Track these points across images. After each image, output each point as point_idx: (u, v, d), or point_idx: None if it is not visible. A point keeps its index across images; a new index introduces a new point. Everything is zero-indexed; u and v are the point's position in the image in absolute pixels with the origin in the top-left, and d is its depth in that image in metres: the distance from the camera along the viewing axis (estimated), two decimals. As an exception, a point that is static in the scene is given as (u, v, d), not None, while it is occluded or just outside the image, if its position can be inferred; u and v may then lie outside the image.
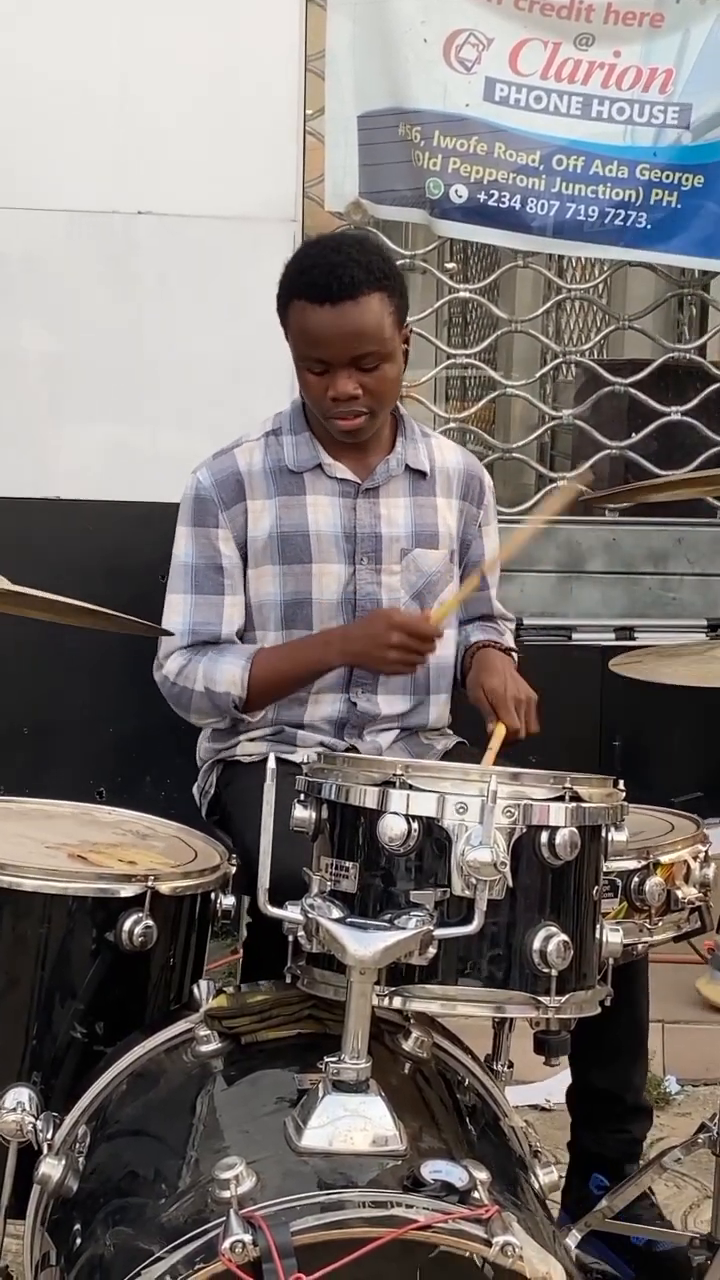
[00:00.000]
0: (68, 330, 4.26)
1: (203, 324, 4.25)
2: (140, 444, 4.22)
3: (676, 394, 4.65)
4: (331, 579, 2.87)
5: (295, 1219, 1.65)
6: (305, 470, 2.89)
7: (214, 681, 2.79)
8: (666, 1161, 2.74)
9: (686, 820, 2.71)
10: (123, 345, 4.26)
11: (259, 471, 2.88)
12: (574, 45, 4.45)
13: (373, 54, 4.42)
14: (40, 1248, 2.05)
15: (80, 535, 4.14)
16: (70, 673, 4.14)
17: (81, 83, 4.20)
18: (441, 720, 3.01)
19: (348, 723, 2.89)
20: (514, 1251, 1.66)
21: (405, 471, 2.96)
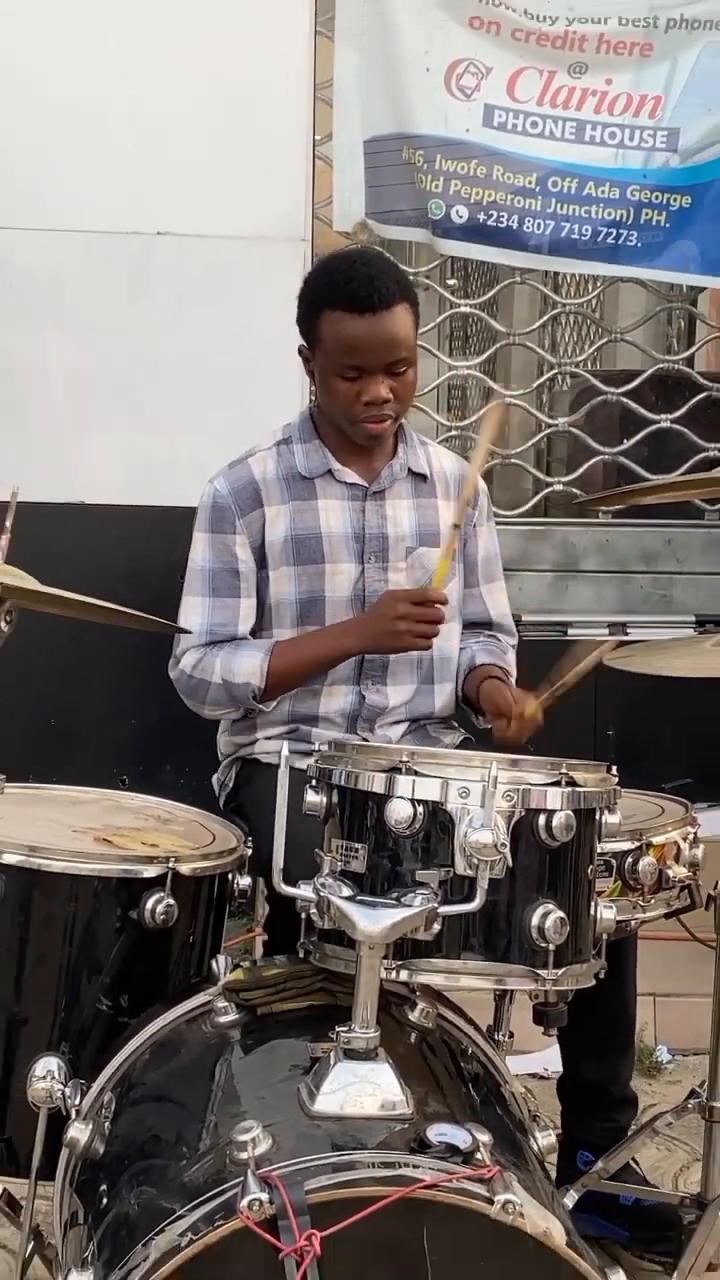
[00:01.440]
0: (90, 345, 4.26)
1: (217, 338, 4.25)
2: (157, 452, 4.22)
3: (666, 403, 4.65)
4: (343, 577, 2.88)
5: (309, 1179, 1.66)
6: (316, 476, 2.90)
7: (232, 673, 2.79)
8: (658, 1126, 2.75)
9: (676, 804, 2.72)
10: (142, 359, 4.26)
11: (273, 479, 2.89)
12: (568, 73, 4.44)
13: (378, 83, 4.42)
14: (69, 1207, 2.06)
15: (102, 538, 4.14)
16: (94, 669, 4.15)
17: (103, 112, 4.20)
18: (447, 709, 3.01)
19: (359, 715, 2.89)
20: (515, 1209, 1.67)
21: (408, 475, 2.96)
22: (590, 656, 2.62)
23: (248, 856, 2.52)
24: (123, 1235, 1.78)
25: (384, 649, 2.81)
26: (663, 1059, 3.72)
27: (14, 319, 4.24)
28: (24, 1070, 2.19)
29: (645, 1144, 2.83)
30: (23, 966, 2.30)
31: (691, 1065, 3.67)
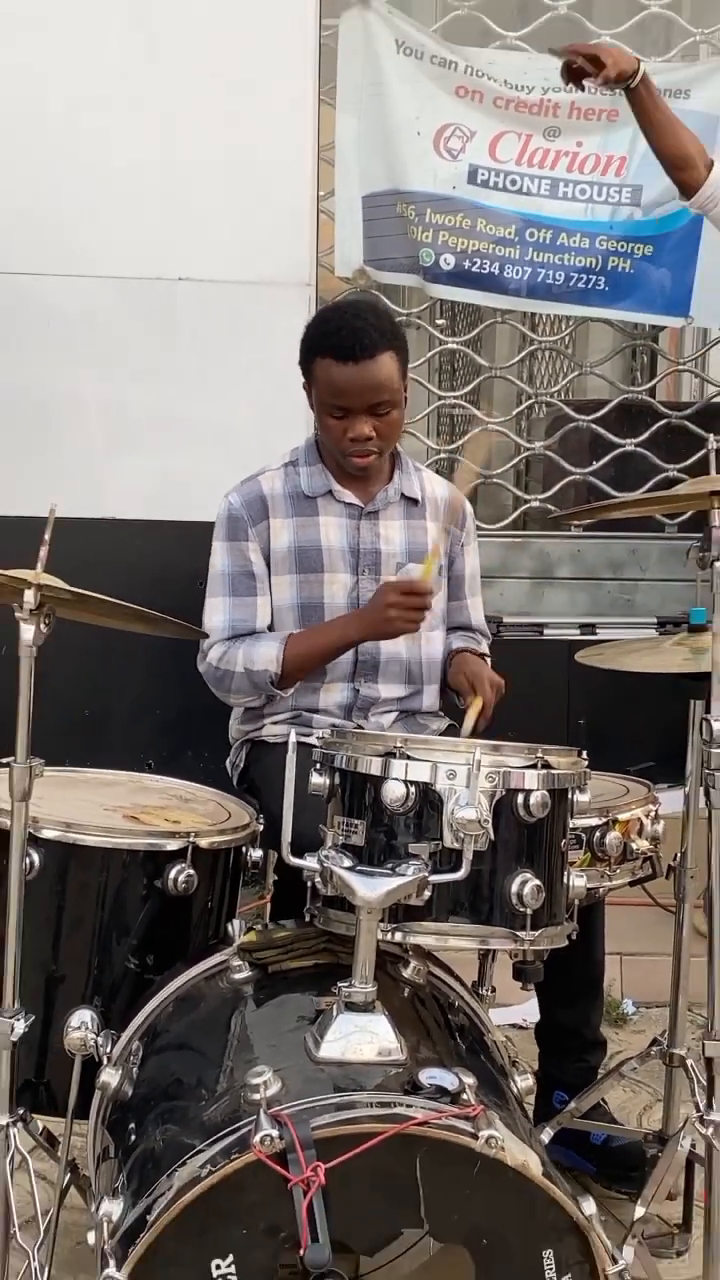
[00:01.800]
0: (120, 378, 4.26)
1: (232, 372, 4.25)
2: (178, 473, 4.22)
3: (630, 429, 4.64)
4: (339, 586, 2.88)
5: (314, 1117, 1.67)
6: (318, 495, 2.90)
7: (253, 661, 2.80)
8: (624, 1070, 2.75)
9: (640, 784, 2.72)
10: (166, 390, 4.26)
11: (280, 495, 2.89)
12: (543, 137, 4.44)
13: (374, 145, 4.42)
14: (100, 1143, 2.06)
15: (129, 549, 4.14)
16: (122, 666, 4.15)
17: (134, 173, 4.20)
18: (434, 706, 3.01)
19: (354, 706, 2.90)
20: (497, 1143, 1.67)
21: (400, 499, 2.96)
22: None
23: (259, 831, 2.52)
24: (149, 1168, 1.79)
25: (380, 634, 2.79)
26: (628, 1011, 3.72)
27: (52, 355, 4.24)
28: (61, 1022, 2.19)
29: (613, 1086, 2.83)
30: (60, 930, 2.30)
31: (654, 1016, 3.67)
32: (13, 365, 4.23)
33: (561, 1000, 2.82)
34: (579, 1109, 2.74)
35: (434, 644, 2.98)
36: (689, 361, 4.91)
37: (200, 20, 4.19)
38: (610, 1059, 3.02)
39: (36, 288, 4.22)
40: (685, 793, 2.60)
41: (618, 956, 3.69)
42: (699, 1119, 2.24)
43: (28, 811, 2.17)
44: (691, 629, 2.53)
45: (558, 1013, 2.88)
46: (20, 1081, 2.19)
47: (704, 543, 2.27)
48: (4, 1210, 2.20)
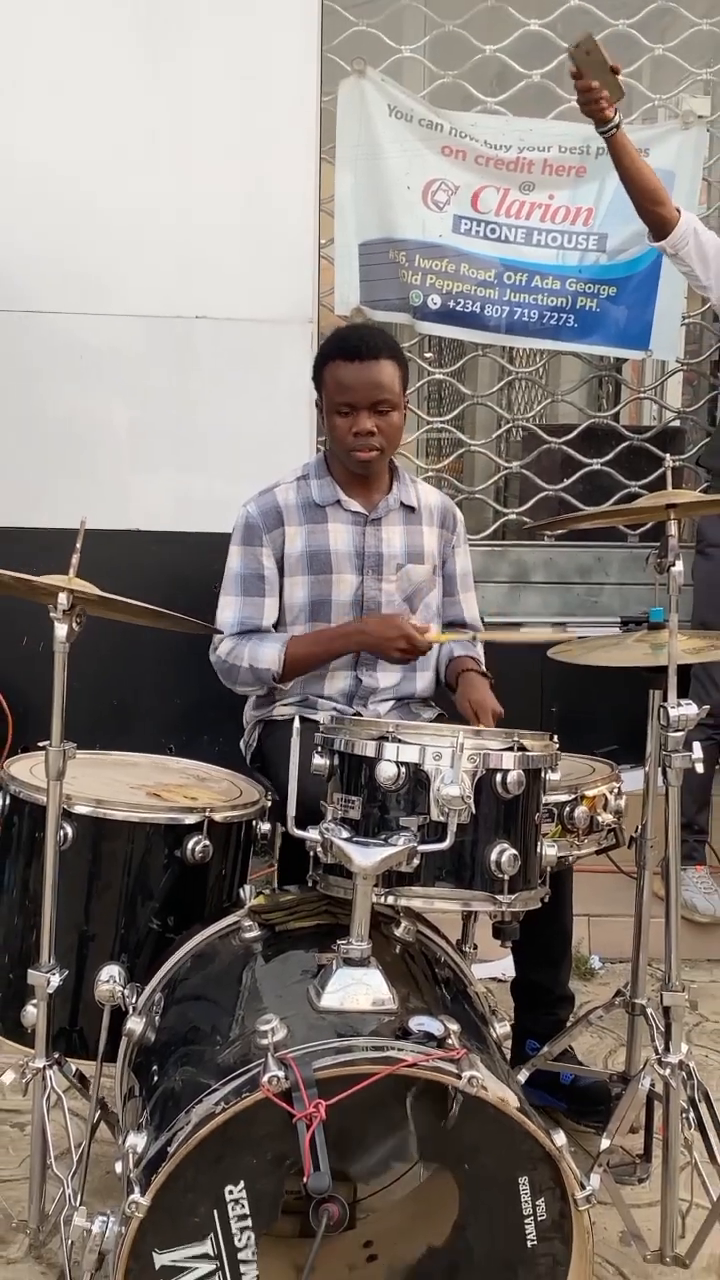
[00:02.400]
0: (144, 404, 4.26)
1: (243, 399, 4.24)
2: (196, 490, 4.21)
3: (597, 450, 4.64)
4: (346, 586, 2.88)
5: (316, 1059, 1.67)
6: (327, 505, 2.90)
7: (257, 660, 2.80)
8: (592, 1019, 2.75)
9: (605, 765, 2.72)
10: (184, 415, 4.26)
11: (293, 505, 2.90)
12: (519, 190, 4.44)
13: (369, 198, 4.41)
14: (127, 1083, 2.07)
15: (152, 557, 4.14)
16: (145, 660, 4.15)
17: (156, 223, 4.19)
18: (427, 691, 3.00)
19: (355, 694, 2.90)
20: (478, 1083, 1.68)
21: (400, 507, 2.97)
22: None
23: (268, 807, 2.52)
24: (169, 1105, 1.79)
25: (377, 654, 2.82)
26: (595, 966, 3.72)
27: (83, 384, 4.23)
28: (92, 976, 2.19)
29: (581, 1033, 2.83)
30: (90, 894, 2.31)
31: (617, 971, 3.67)
32: (48, 393, 4.23)
33: (535, 959, 2.82)
34: (550, 1053, 2.74)
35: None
36: (649, 390, 4.91)
37: (215, 88, 4.19)
38: (579, 1008, 3.02)
39: (69, 325, 4.21)
40: (645, 772, 2.61)
41: (586, 917, 3.69)
42: (657, 1061, 2.25)
43: (62, 789, 2.18)
44: (651, 627, 2.53)
45: (531, 970, 2.87)
46: (56, 1029, 2.21)
47: (661, 550, 2.28)
48: (41, 1143, 2.21)
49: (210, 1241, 1.69)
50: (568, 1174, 1.75)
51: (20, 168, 4.16)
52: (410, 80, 4.49)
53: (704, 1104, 2.25)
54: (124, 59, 4.16)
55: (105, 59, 4.15)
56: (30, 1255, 2.31)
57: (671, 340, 4.55)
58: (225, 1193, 1.68)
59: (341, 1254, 2.00)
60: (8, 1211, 2.42)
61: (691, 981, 3.68)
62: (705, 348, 4.69)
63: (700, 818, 3.88)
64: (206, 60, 4.18)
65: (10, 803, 2.38)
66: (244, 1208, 1.69)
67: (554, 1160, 1.75)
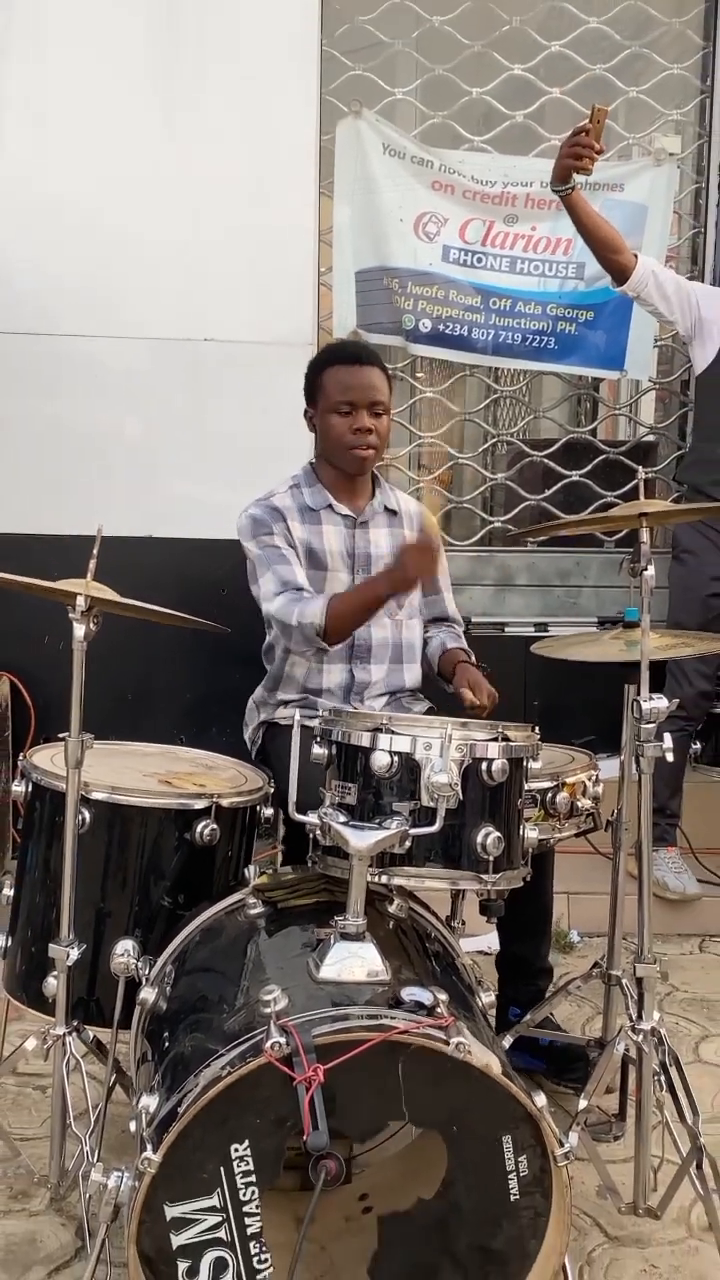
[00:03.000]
0: (156, 421, 4.26)
1: (247, 415, 4.24)
2: (205, 499, 4.21)
3: (576, 463, 4.64)
4: (338, 583, 2.87)
5: (315, 1027, 1.67)
6: (320, 509, 2.90)
7: (304, 615, 2.71)
8: (571, 988, 2.75)
9: (583, 754, 2.71)
10: (193, 430, 4.26)
11: (291, 508, 2.90)
12: (503, 222, 4.44)
13: (365, 229, 4.41)
14: (140, 1049, 2.06)
15: (164, 561, 4.13)
16: (158, 657, 4.15)
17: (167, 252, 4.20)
18: (416, 684, 2.99)
19: (350, 689, 2.89)
20: (465, 1048, 1.68)
21: (384, 510, 2.98)
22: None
23: (271, 793, 2.52)
24: (179, 1068, 1.79)
25: (405, 585, 2.68)
26: (574, 940, 3.72)
27: (100, 401, 4.24)
28: (108, 949, 2.19)
29: (561, 1002, 2.83)
30: (107, 874, 2.30)
31: (595, 944, 3.67)
32: (67, 410, 4.23)
33: (518, 933, 2.82)
34: (533, 1020, 2.74)
35: (413, 630, 2.99)
36: (624, 407, 4.91)
37: (223, 129, 4.20)
38: (559, 979, 3.02)
39: (88, 348, 4.22)
40: (620, 761, 2.60)
41: (565, 895, 3.69)
42: (631, 1027, 2.24)
43: (80, 777, 2.17)
44: (626, 626, 2.53)
45: (514, 944, 2.87)
46: (75, 998, 2.20)
47: (634, 556, 2.28)
48: (61, 1104, 2.21)
49: (217, 1195, 1.69)
50: (548, 1133, 1.75)
51: (46, 204, 4.17)
52: (403, 120, 4.49)
53: (674, 1068, 2.25)
54: (141, 105, 4.18)
55: (124, 104, 4.17)
56: (51, 1208, 2.32)
57: (645, 361, 4.56)
58: (231, 1150, 1.68)
59: (339, 1206, 2.00)
60: (30, 1167, 2.42)
61: (663, 954, 3.68)
62: (676, 368, 4.69)
63: (672, 803, 3.88)
64: (215, 104, 4.19)
65: (33, 789, 2.37)
66: (248, 1164, 1.69)
67: (535, 1120, 1.74)
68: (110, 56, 4.16)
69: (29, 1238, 2.24)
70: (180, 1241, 1.69)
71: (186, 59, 4.18)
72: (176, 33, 4.17)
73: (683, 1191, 2.18)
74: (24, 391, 4.23)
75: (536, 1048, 2.81)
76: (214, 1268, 1.70)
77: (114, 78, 4.16)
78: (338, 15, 4.38)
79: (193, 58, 4.18)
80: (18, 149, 4.17)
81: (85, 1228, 2.10)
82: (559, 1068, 2.81)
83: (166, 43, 4.17)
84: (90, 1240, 1.85)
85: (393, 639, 2.94)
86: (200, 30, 4.17)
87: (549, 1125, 1.75)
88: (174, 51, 4.17)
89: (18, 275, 4.20)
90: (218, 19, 4.17)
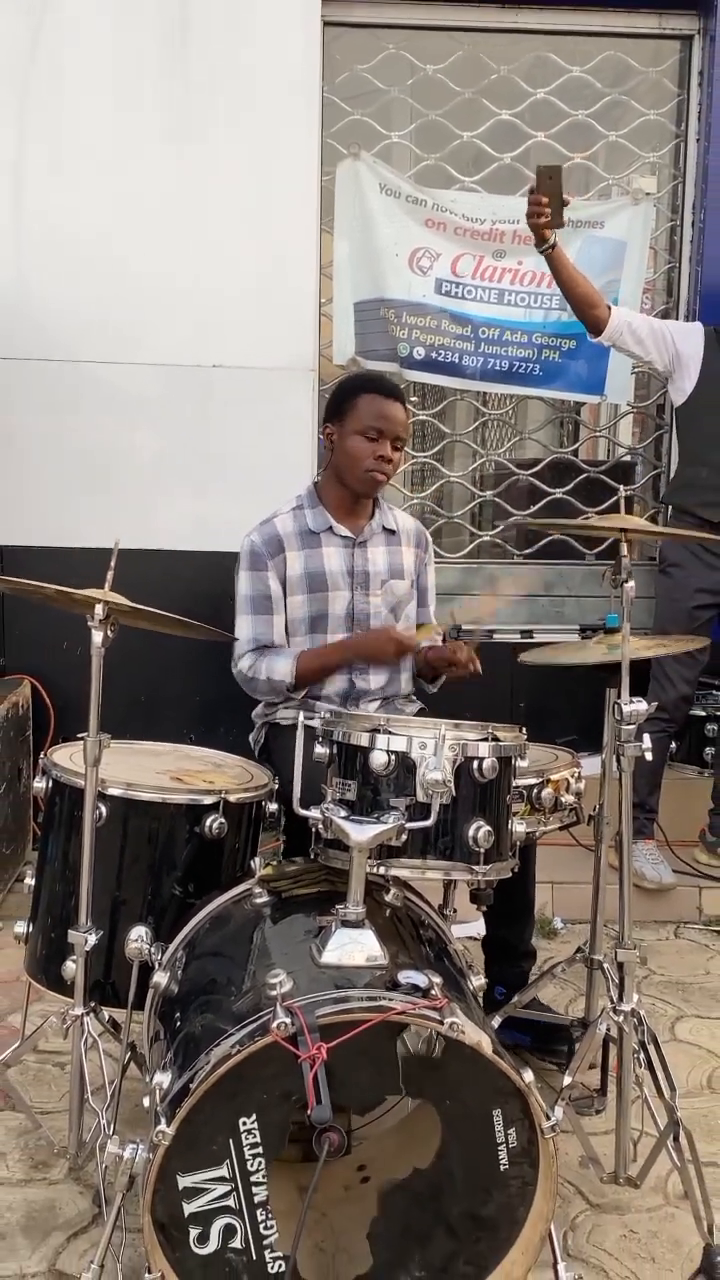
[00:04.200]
0: (167, 442, 4.26)
1: (253, 436, 4.25)
2: (211, 514, 4.22)
3: (559, 481, 4.65)
4: (339, 601, 2.87)
5: (318, 1008, 1.67)
6: (321, 531, 2.89)
7: (274, 672, 2.79)
8: (555, 972, 2.75)
9: (567, 752, 2.72)
10: (202, 450, 4.26)
11: (292, 533, 2.88)
12: (492, 257, 4.45)
13: (363, 263, 4.42)
14: (153, 1028, 2.06)
15: (174, 572, 4.14)
16: (169, 662, 4.15)
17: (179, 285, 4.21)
18: (408, 688, 3.00)
19: (349, 695, 2.89)
20: (457, 1028, 1.68)
21: (382, 530, 2.97)
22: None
23: (275, 789, 2.52)
24: (190, 1047, 1.79)
25: (374, 661, 2.83)
26: (558, 926, 3.71)
27: (115, 423, 4.25)
28: (123, 935, 2.19)
29: (546, 984, 2.83)
30: (122, 865, 2.30)
31: (577, 930, 3.65)
32: (85, 431, 4.24)
33: (505, 920, 2.81)
34: (521, 1002, 2.74)
35: None
36: (604, 429, 4.91)
37: (231, 170, 4.21)
38: (544, 963, 3.02)
39: (103, 373, 4.22)
40: (601, 759, 2.60)
41: (550, 884, 3.70)
42: (612, 1009, 2.25)
43: (98, 774, 2.17)
44: (607, 631, 2.53)
45: (500, 930, 2.87)
46: (92, 981, 2.20)
47: (615, 568, 2.28)
48: (79, 1080, 2.20)
49: (226, 1166, 1.69)
50: (535, 1107, 1.75)
51: (65, 239, 4.19)
52: (398, 162, 4.50)
53: (652, 1046, 2.25)
54: (155, 148, 4.20)
55: (138, 147, 4.19)
56: (70, 1177, 2.32)
57: (623, 386, 4.57)
58: (239, 1124, 1.68)
59: (339, 1176, 2.00)
60: (50, 1139, 2.42)
61: (641, 940, 3.68)
62: (653, 393, 4.70)
63: (651, 799, 3.88)
64: (224, 147, 4.21)
65: (53, 786, 2.37)
66: (256, 1137, 1.69)
67: (523, 1095, 1.74)
68: (125, 102, 4.17)
69: (49, 1205, 2.24)
70: (192, 1209, 1.69)
71: (197, 104, 4.19)
72: (188, 80, 4.18)
73: (660, 1162, 2.18)
74: (45, 414, 4.23)
75: (521, 1023, 2.81)
76: (223, 1233, 1.70)
77: (129, 122, 4.18)
78: (338, 64, 4.40)
79: (203, 103, 4.19)
80: (39, 188, 4.18)
81: (102, 1196, 2.09)
82: (541, 1041, 2.81)
83: (178, 89, 4.18)
84: (107, 1208, 1.84)
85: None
86: (210, 78, 4.18)
87: (536, 1100, 1.75)
88: (185, 97, 4.19)
89: (39, 306, 4.21)
90: (227, 68, 4.18)
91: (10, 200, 4.18)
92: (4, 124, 4.16)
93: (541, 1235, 1.81)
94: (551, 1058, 2.79)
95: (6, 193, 4.18)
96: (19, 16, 4.13)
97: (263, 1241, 1.71)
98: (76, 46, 4.15)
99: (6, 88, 4.15)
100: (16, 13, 4.14)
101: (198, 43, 4.17)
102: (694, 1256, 2.11)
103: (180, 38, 4.16)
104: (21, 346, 4.21)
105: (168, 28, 4.16)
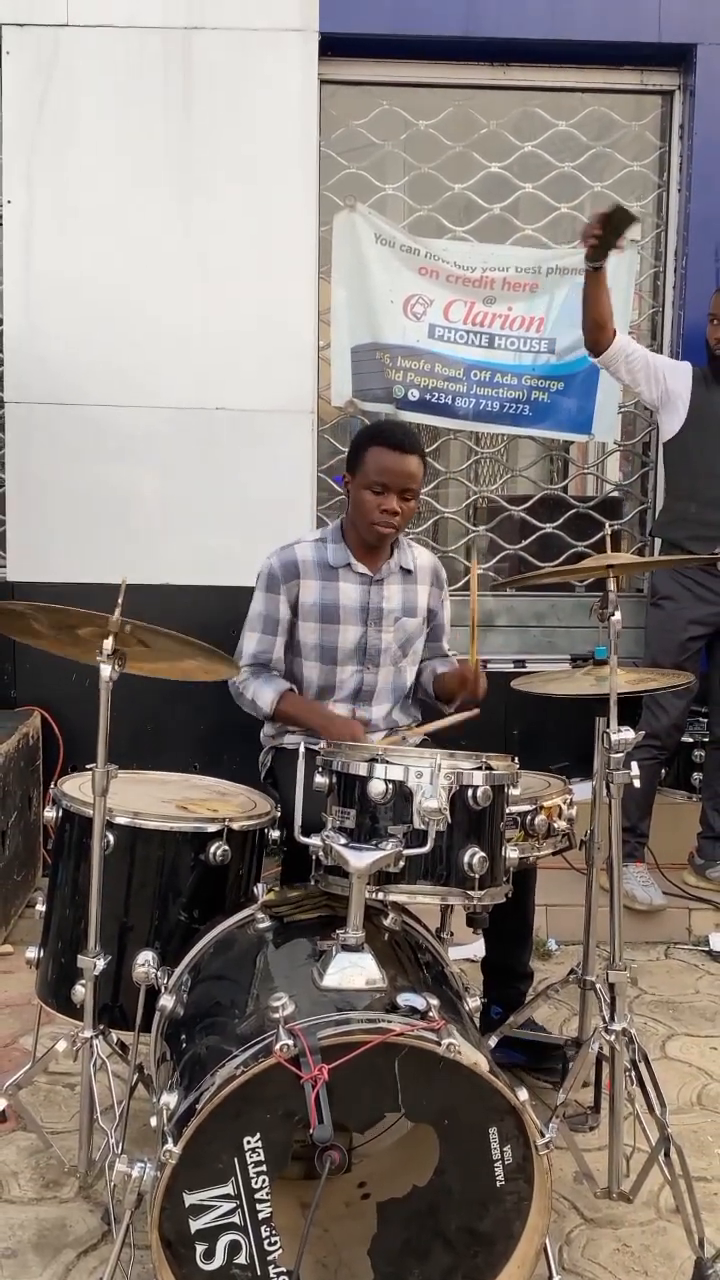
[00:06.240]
0: (174, 480, 4.28)
1: (255, 475, 4.27)
2: (216, 551, 4.23)
3: (549, 516, 4.67)
4: (352, 634, 2.89)
5: (320, 1030, 1.67)
6: (340, 566, 2.91)
7: (258, 698, 2.84)
8: (549, 992, 2.74)
9: (558, 779, 2.72)
10: (206, 489, 4.28)
11: (310, 562, 2.90)
12: (483, 303, 4.49)
13: (359, 309, 4.46)
14: (160, 1050, 2.06)
15: (181, 606, 4.14)
16: (175, 694, 4.14)
17: (185, 332, 4.25)
18: (409, 720, 3.01)
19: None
20: (455, 1049, 1.68)
21: (399, 570, 2.98)
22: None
23: (278, 817, 2.52)
24: (196, 1068, 1.79)
25: (330, 736, 2.67)
26: (552, 948, 3.71)
27: (124, 463, 4.27)
28: (130, 960, 2.19)
29: (541, 1004, 2.83)
30: (129, 892, 2.30)
31: (571, 952, 3.66)
32: (94, 471, 4.26)
33: (501, 943, 2.82)
34: (515, 1021, 2.73)
35: (407, 674, 3.02)
36: (592, 466, 4.94)
37: (233, 222, 4.25)
38: (538, 984, 3.01)
39: (112, 416, 4.25)
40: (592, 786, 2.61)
41: (544, 907, 3.68)
42: (604, 1028, 2.25)
43: (106, 804, 2.18)
44: (596, 663, 2.55)
45: (498, 952, 2.87)
46: (100, 1004, 2.20)
47: (603, 600, 2.30)
48: (89, 1100, 2.20)
49: (231, 1184, 1.69)
50: (530, 1124, 1.75)
51: (75, 288, 4.23)
52: (392, 213, 4.55)
53: (643, 1064, 2.25)
54: (159, 200, 4.24)
55: (144, 199, 4.24)
56: (80, 1195, 2.31)
57: (611, 425, 4.59)
58: (244, 1143, 1.68)
59: (340, 1193, 1.99)
60: (61, 1159, 2.41)
61: (633, 961, 3.67)
62: (639, 431, 4.73)
63: (642, 824, 3.88)
64: (226, 198, 4.25)
65: (63, 814, 2.38)
66: (259, 1155, 1.69)
67: (518, 1113, 1.75)
68: (131, 156, 4.22)
69: (59, 1223, 2.23)
70: (198, 1226, 1.69)
71: (200, 158, 4.24)
72: (190, 135, 4.23)
73: (652, 1177, 2.18)
74: (57, 455, 4.26)
75: (515, 1042, 2.81)
76: (229, 1250, 1.70)
77: (135, 177, 4.23)
78: (334, 120, 4.45)
79: (205, 158, 4.24)
80: (49, 239, 4.22)
81: (111, 1214, 2.09)
82: (535, 1059, 2.81)
83: (181, 144, 4.23)
84: (115, 1225, 1.84)
85: (394, 683, 2.96)
86: (213, 133, 4.23)
87: (531, 1118, 1.75)
88: (188, 151, 4.24)
89: (51, 352, 4.24)
90: (229, 124, 4.23)
91: (21, 253, 4.23)
92: (14, 181, 4.22)
93: (537, 1249, 1.81)
94: (546, 1076, 2.78)
95: (18, 246, 4.23)
96: (28, 78, 4.20)
97: (267, 1257, 1.70)
98: (84, 107, 4.20)
99: (16, 145, 4.21)
100: (25, 74, 4.20)
101: (201, 100, 4.22)
102: (685, 1269, 2.10)
103: (183, 96, 4.22)
104: (34, 392, 4.24)
105: (171, 88, 4.22)
